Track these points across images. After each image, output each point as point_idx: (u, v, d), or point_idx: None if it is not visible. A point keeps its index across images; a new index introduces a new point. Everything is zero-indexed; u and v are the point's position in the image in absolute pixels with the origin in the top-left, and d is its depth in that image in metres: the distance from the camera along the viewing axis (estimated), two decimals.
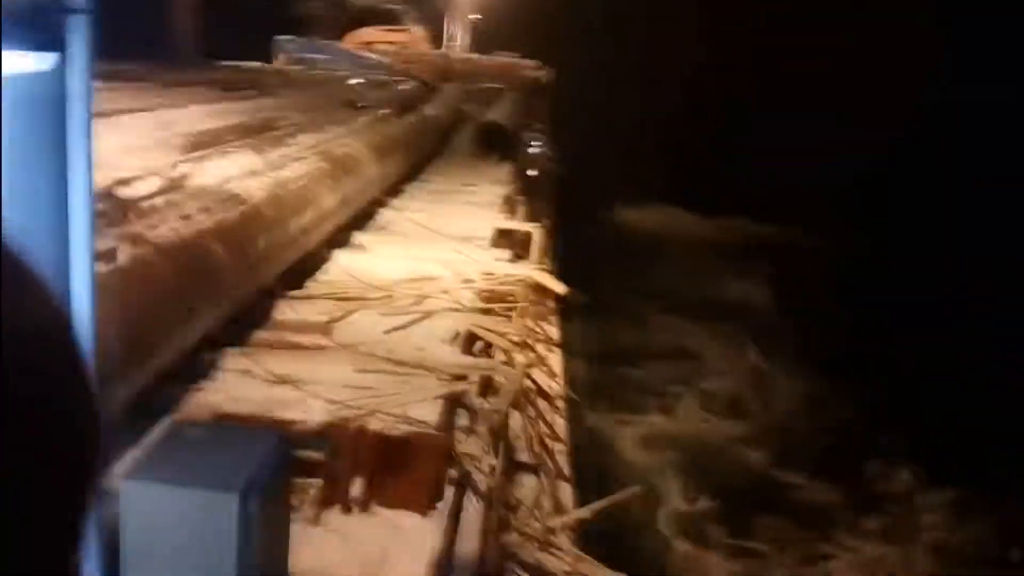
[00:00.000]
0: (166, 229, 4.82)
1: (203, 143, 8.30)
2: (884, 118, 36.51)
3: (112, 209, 5.45)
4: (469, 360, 6.00)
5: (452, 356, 5.87)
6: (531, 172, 15.89)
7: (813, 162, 30.84)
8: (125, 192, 5.85)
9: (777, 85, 42.45)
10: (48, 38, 1.42)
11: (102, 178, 6.13)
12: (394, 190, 11.39)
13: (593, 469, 8.04)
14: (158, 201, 5.97)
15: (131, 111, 9.86)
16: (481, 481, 4.79)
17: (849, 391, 13.35)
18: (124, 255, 4.24)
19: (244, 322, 5.76)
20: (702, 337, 16.05)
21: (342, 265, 7.42)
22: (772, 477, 11.45)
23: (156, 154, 7.52)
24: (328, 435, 4.52)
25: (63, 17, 1.50)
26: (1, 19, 1.22)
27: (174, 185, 6.37)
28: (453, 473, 4.77)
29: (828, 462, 11.55)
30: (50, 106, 1.60)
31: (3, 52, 1.31)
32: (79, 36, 1.55)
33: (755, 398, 13.83)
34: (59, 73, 1.55)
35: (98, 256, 4.23)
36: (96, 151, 6.76)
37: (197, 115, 10.27)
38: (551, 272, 9.70)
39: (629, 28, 46.38)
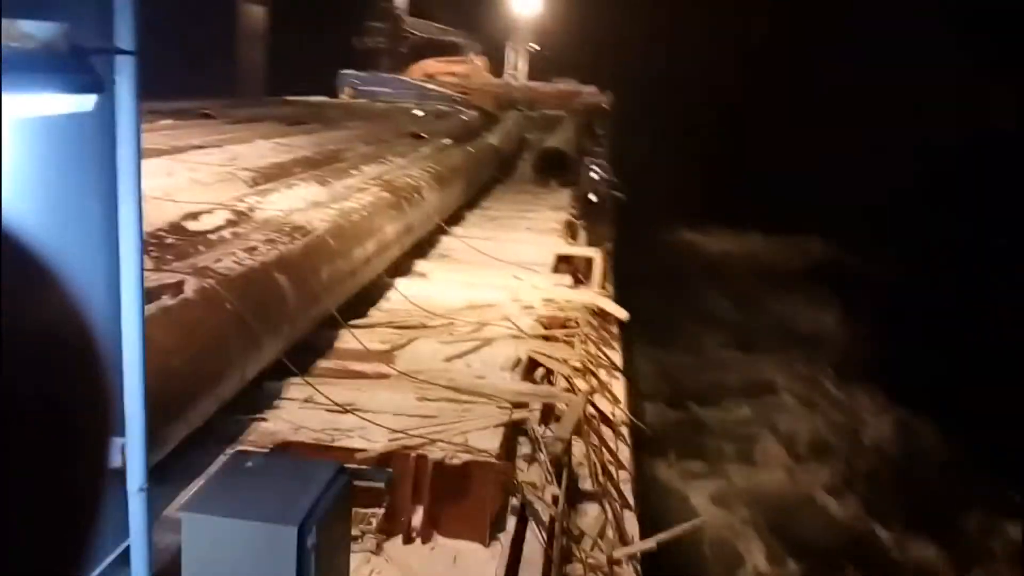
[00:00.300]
0: (231, 261, 4.93)
1: (269, 176, 8.53)
2: (929, 136, 35.43)
3: (181, 242, 5.62)
4: (530, 387, 5.95)
5: (513, 383, 5.82)
6: (592, 197, 15.83)
7: (873, 179, 30.07)
8: (194, 225, 6.03)
9: (830, 102, 41.52)
10: (91, 80, 1.46)
11: (172, 212, 6.33)
12: (455, 217, 11.48)
13: (660, 507, 7.62)
14: (225, 233, 6.14)
15: (201, 147, 10.21)
16: (543, 510, 4.70)
17: (943, 430, 12.00)
18: (190, 287, 4.34)
19: (307, 350, 5.83)
20: (774, 367, 14.90)
21: (403, 293, 7.48)
22: (863, 531, 10.11)
23: (224, 188, 7.76)
24: (389, 464, 4.52)
25: (104, 59, 1.54)
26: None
27: (240, 217, 6.54)
28: (515, 502, 4.70)
29: (924, 513, 10.24)
30: (97, 143, 1.64)
31: (47, 95, 1.36)
32: (126, 75, 1.60)
33: (838, 438, 12.50)
34: (104, 111, 1.59)
35: (166, 288, 4.35)
36: (168, 185, 6.92)
37: (264, 149, 10.58)
38: (612, 297, 9.60)
39: (681, 48, 46.03)
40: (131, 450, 1.84)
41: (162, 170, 7.97)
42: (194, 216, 6.20)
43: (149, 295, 4.18)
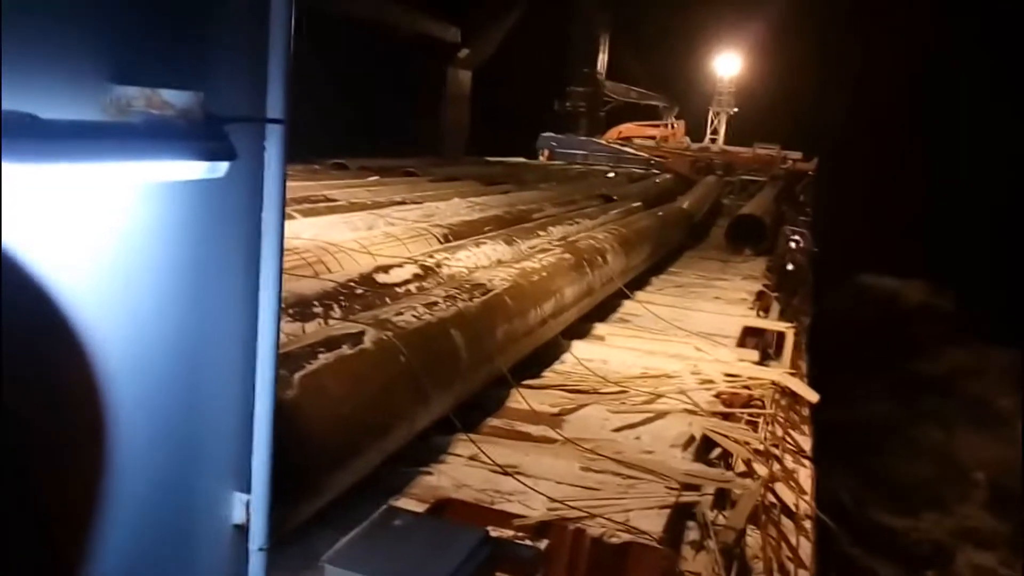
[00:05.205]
0: (411, 315, 5.09)
1: (460, 233, 8.85)
2: None
3: (370, 293, 5.90)
4: (702, 468, 5.59)
5: (684, 463, 5.50)
6: (789, 267, 15.02)
7: None
8: (383, 278, 6.33)
9: None
10: (223, 148, 1.52)
11: (367, 264, 6.70)
12: (640, 281, 11.29)
13: None
14: (411, 287, 6.38)
15: (402, 203, 10.84)
16: None
17: None
18: (369, 338, 4.50)
19: (478, 407, 5.87)
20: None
21: (578, 356, 7.39)
22: None
23: (417, 243, 8.14)
24: (546, 534, 4.38)
25: (254, 128, 1.60)
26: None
27: (427, 272, 6.79)
28: None
29: None
30: (242, 208, 1.70)
31: (177, 162, 1.43)
32: (275, 144, 1.65)
33: None
34: (251, 177, 1.64)
35: (347, 338, 4.54)
36: (366, 238, 7.31)
37: (459, 207, 11.04)
38: (804, 377, 8.92)
39: (894, 114, 42.94)
40: (255, 509, 1.86)
41: (363, 223, 8.52)
42: (385, 269, 6.52)
43: (331, 343, 4.39)
